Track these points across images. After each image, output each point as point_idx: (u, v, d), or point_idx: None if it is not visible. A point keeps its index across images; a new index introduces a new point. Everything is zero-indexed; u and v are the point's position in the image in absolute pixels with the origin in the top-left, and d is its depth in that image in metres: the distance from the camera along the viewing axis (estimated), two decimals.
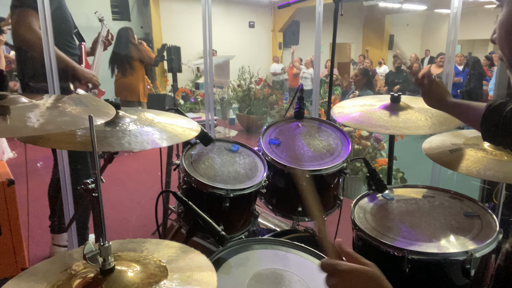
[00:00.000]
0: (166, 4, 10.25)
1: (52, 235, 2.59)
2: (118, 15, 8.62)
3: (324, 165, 1.58)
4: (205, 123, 3.06)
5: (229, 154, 1.62)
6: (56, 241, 2.59)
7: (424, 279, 1.19)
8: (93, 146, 0.85)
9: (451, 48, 2.20)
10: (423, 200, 1.47)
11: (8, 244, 1.81)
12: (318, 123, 1.85)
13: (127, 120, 1.24)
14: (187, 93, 9.32)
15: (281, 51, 12.98)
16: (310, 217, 1.62)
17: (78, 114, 1.02)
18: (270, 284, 1.13)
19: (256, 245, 1.29)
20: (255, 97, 7.65)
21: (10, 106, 0.98)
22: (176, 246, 1.00)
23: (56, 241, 2.59)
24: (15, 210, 1.80)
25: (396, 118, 1.63)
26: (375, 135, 4.07)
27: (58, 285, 0.84)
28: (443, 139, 1.57)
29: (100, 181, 1.02)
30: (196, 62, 7.83)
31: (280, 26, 12.72)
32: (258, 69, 9.24)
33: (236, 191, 1.41)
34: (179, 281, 0.85)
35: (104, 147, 1.09)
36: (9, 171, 1.89)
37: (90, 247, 0.81)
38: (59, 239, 2.59)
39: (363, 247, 1.33)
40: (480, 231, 1.25)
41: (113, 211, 3.41)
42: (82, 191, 1.18)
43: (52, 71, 2.04)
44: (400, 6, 11.60)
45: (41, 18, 1.96)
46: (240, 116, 7.90)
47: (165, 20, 10.22)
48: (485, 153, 1.39)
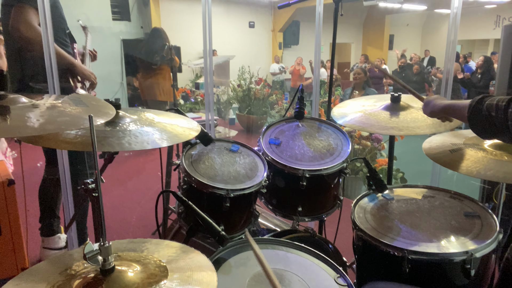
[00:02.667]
0: (166, 4, 10.24)
1: (42, 238, 2.54)
2: (118, 15, 8.63)
3: (324, 165, 1.58)
4: (205, 123, 3.06)
5: (229, 154, 1.62)
6: (47, 244, 2.54)
7: (424, 279, 1.19)
8: (93, 146, 0.85)
9: (451, 48, 2.19)
10: (423, 200, 1.47)
11: (8, 244, 1.81)
12: (318, 123, 1.85)
13: (127, 120, 1.24)
14: (187, 93, 9.32)
15: (281, 51, 12.97)
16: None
17: (78, 114, 1.02)
18: (270, 284, 1.13)
19: None
20: (255, 97, 7.64)
21: (10, 106, 0.98)
22: (176, 246, 1.00)
23: (47, 244, 2.54)
24: (15, 210, 1.80)
25: (397, 118, 1.63)
26: (375, 135, 4.07)
27: (58, 285, 0.84)
28: (443, 139, 1.57)
29: (100, 181, 1.02)
30: (196, 62, 7.83)
31: (280, 26, 12.71)
32: (258, 69, 9.23)
33: (237, 191, 1.41)
34: (179, 281, 0.85)
35: (104, 147, 1.09)
36: (9, 171, 1.89)
37: (91, 247, 0.81)
38: (50, 242, 2.54)
39: (363, 247, 1.33)
40: (480, 231, 1.25)
41: (113, 211, 3.41)
42: (82, 191, 1.18)
43: (52, 71, 2.03)
44: (400, 6, 11.61)
45: (41, 16, 1.95)
46: (240, 116, 7.90)
47: (165, 20, 10.20)
48: (485, 153, 1.39)
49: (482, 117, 1.05)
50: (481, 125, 1.07)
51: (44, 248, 2.55)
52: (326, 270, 1.24)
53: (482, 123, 1.07)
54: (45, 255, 2.53)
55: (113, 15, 8.55)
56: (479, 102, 1.07)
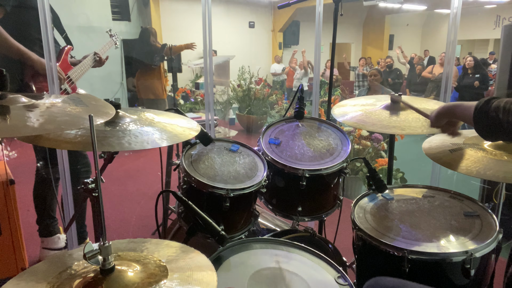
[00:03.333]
0: (166, 4, 10.24)
1: (41, 239, 2.54)
2: (118, 15, 8.63)
3: (324, 165, 1.58)
4: (205, 123, 3.06)
5: (229, 154, 1.62)
6: (46, 244, 2.54)
7: (424, 279, 1.19)
8: (93, 146, 0.85)
9: (451, 48, 2.20)
10: (423, 200, 1.47)
11: (8, 244, 1.81)
12: (318, 123, 1.85)
13: (127, 120, 1.24)
14: (187, 93, 9.32)
15: (281, 51, 12.98)
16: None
17: (78, 114, 1.02)
18: (270, 283, 1.13)
19: (256, 245, 1.30)
20: (255, 97, 7.65)
21: (10, 106, 0.98)
22: (176, 246, 1.00)
23: (46, 244, 2.54)
24: (15, 210, 1.80)
25: (397, 118, 1.63)
26: (375, 135, 4.07)
27: (58, 285, 0.83)
28: (443, 139, 1.57)
29: (100, 181, 1.02)
30: (196, 62, 7.83)
31: (280, 26, 12.72)
32: (258, 69, 9.24)
33: (236, 190, 1.41)
34: (179, 280, 0.85)
35: (104, 147, 1.09)
36: (9, 171, 1.89)
37: (91, 246, 0.81)
38: (50, 242, 2.54)
39: (363, 247, 1.33)
40: (480, 231, 1.25)
41: (113, 211, 3.41)
42: (82, 191, 1.18)
43: (53, 71, 2.03)
44: (400, 6, 11.61)
45: (41, 16, 1.95)
46: (240, 116, 7.90)
47: (165, 20, 10.21)
48: (485, 153, 1.39)
49: (489, 118, 1.05)
50: (487, 126, 1.07)
51: (43, 249, 2.55)
52: (327, 269, 1.24)
53: (488, 124, 1.07)
54: (45, 255, 2.53)
55: (113, 15, 8.55)
56: (486, 103, 1.07)
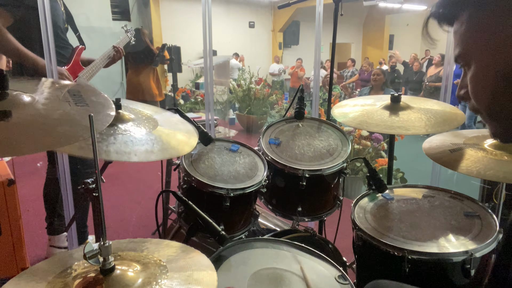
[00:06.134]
0: (166, 4, 10.25)
1: (49, 237, 2.55)
2: (118, 15, 8.64)
3: (324, 165, 1.58)
4: (205, 123, 3.06)
5: (229, 154, 1.62)
6: (53, 242, 2.55)
7: (424, 279, 1.19)
8: (93, 146, 0.85)
9: (451, 48, 2.19)
10: (423, 200, 1.47)
11: (8, 244, 1.81)
12: (318, 123, 1.85)
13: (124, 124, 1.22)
14: (187, 93, 9.33)
15: (281, 51, 12.98)
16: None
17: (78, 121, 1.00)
18: (270, 283, 1.13)
19: (256, 245, 1.30)
20: (255, 97, 7.65)
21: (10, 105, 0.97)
22: (176, 246, 1.00)
23: (53, 242, 2.55)
24: (15, 210, 1.80)
25: (396, 118, 1.63)
26: (375, 135, 4.07)
27: (58, 285, 0.84)
28: (443, 139, 1.57)
29: (100, 181, 1.02)
30: (196, 62, 7.84)
31: (280, 26, 12.72)
32: (258, 69, 9.24)
33: (236, 190, 1.41)
34: (179, 280, 0.85)
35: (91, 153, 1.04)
36: (10, 171, 1.89)
37: (91, 246, 0.81)
38: (56, 240, 2.55)
39: (363, 247, 1.33)
40: (480, 231, 1.25)
41: (113, 211, 3.41)
42: (82, 191, 1.18)
43: (53, 74, 2.03)
44: (400, 6, 11.60)
45: (41, 16, 1.94)
46: (240, 116, 7.90)
47: (165, 20, 10.22)
48: (485, 153, 1.39)
49: None
50: None
51: (50, 247, 2.56)
52: (327, 269, 1.24)
53: None
54: (51, 253, 2.54)
55: (113, 15, 8.56)
56: None
